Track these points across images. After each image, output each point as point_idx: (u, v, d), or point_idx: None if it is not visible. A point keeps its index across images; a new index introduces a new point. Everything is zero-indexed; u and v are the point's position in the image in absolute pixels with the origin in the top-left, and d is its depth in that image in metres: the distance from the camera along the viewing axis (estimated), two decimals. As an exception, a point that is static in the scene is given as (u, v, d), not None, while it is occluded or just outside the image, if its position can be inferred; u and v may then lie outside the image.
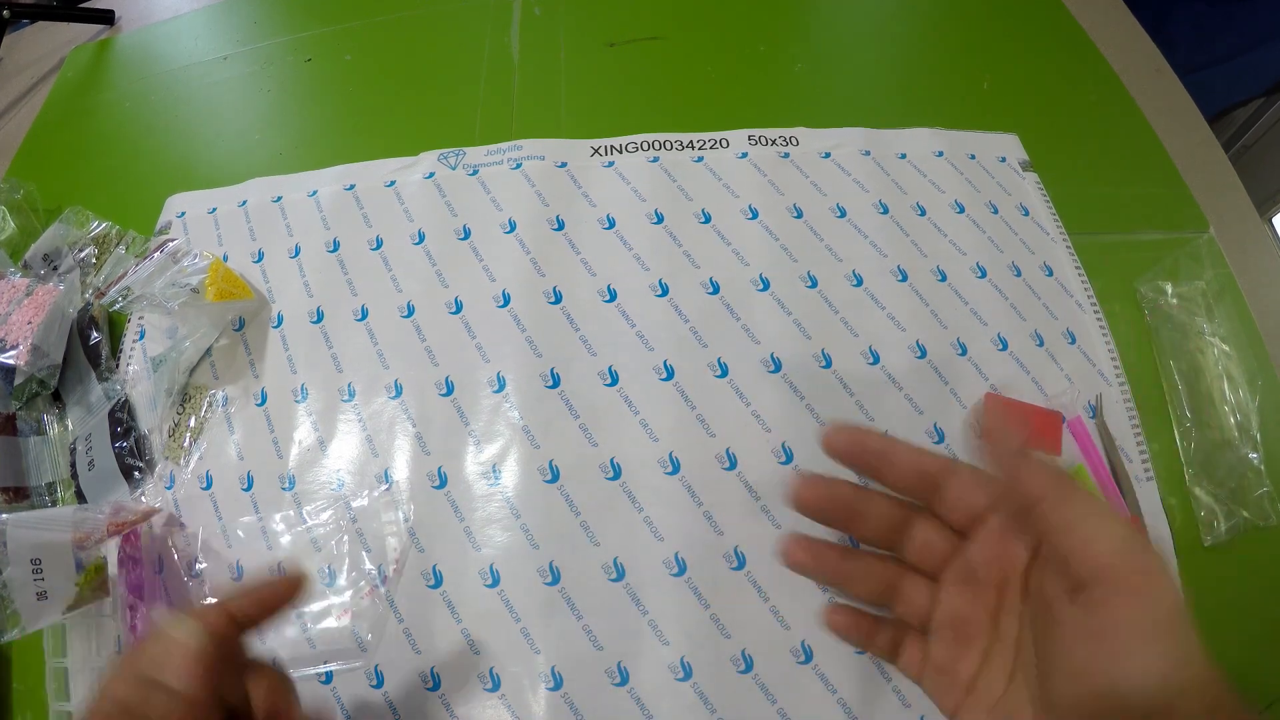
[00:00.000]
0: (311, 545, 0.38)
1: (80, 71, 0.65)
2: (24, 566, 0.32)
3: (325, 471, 0.40)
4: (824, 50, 0.56)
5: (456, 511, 0.38)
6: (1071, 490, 0.21)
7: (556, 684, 0.34)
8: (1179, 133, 0.52)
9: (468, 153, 0.50)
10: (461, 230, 0.46)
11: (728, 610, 0.35)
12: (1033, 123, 0.51)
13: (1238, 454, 0.39)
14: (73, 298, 0.45)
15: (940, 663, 0.24)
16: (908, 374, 0.41)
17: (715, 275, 0.44)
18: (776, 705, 0.34)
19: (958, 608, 0.24)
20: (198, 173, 0.54)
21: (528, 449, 0.39)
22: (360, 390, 0.42)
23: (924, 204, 0.47)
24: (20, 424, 0.43)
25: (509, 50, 0.57)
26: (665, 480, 0.38)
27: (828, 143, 0.49)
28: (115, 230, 0.50)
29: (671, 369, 0.41)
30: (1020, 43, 0.57)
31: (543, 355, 0.42)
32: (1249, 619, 0.36)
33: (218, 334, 0.44)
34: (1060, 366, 0.41)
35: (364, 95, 0.57)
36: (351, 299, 0.45)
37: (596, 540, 0.37)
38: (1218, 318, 0.43)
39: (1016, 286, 0.44)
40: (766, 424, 0.39)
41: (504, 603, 0.36)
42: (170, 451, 0.42)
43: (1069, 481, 0.21)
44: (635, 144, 0.49)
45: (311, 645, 0.36)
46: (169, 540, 0.39)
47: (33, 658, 0.38)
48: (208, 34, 0.64)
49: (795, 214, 0.46)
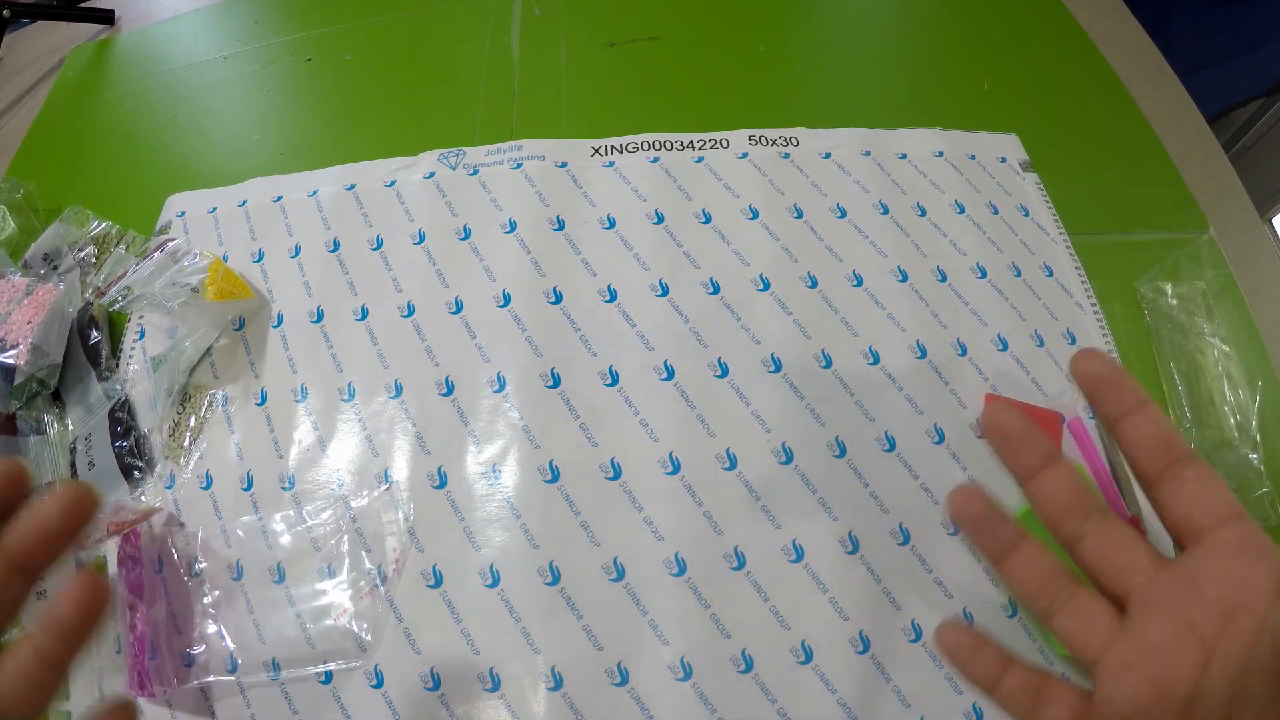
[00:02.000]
0: (311, 545, 0.38)
1: (80, 71, 0.65)
2: (24, 566, 0.32)
3: (325, 471, 0.40)
4: (824, 50, 0.56)
5: (456, 511, 0.38)
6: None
7: (556, 684, 0.34)
8: (1179, 133, 0.52)
9: (468, 153, 0.50)
10: (462, 230, 0.46)
11: (728, 610, 0.35)
12: (1033, 123, 0.51)
13: (1238, 454, 0.39)
14: (73, 297, 0.45)
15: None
16: (908, 374, 0.41)
17: (715, 275, 0.44)
18: (776, 705, 0.34)
19: (1158, 638, 0.20)
20: (198, 172, 0.54)
21: (528, 449, 0.39)
22: (360, 390, 0.42)
23: (924, 204, 0.47)
24: (20, 423, 0.43)
25: (509, 50, 0.57)
26: (665, 480, 0.38)
27: (828, 143, 0.49)
28: (115, 230, 0.50)
29: (672, 369, 0.41)
30: (1020, 43, 0.57)
31: (543, 355, 0.42)
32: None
33: (218, 334, 0.44)
34: (1060, 367, 0.41)
35: (364, 95, 0.57)
36: (351, 299, 0.45)
37: (596, 540, 0.37)
38: (1218, 318, 0.43)
39: (1016, 287, 0.44)
40: (766, 424, 0.39)
41: (504, 603, 0.36)
42: (170, 451, 0.42)
43: None
44: (635, 144, 0.49)
45: (310, 645, 0.36)
46: (169, 540, 0.39)
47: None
48: (208, 34, 0.64)
49: (795, 214, 0.46)
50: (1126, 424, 0.21)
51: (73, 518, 0.21)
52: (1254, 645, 0.18)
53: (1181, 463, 0.21)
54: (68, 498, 0.21)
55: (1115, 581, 0.21)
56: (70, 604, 0.20)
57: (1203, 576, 0.20)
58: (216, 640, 0.37)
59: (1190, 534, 0.20)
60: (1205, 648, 0.19)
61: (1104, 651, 0.20)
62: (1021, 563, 0.22)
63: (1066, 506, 0.21)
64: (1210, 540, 0.20)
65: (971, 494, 0.22)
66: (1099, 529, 0.21)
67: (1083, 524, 0.21)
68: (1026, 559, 0.22)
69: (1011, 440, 0.22)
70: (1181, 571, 0.20)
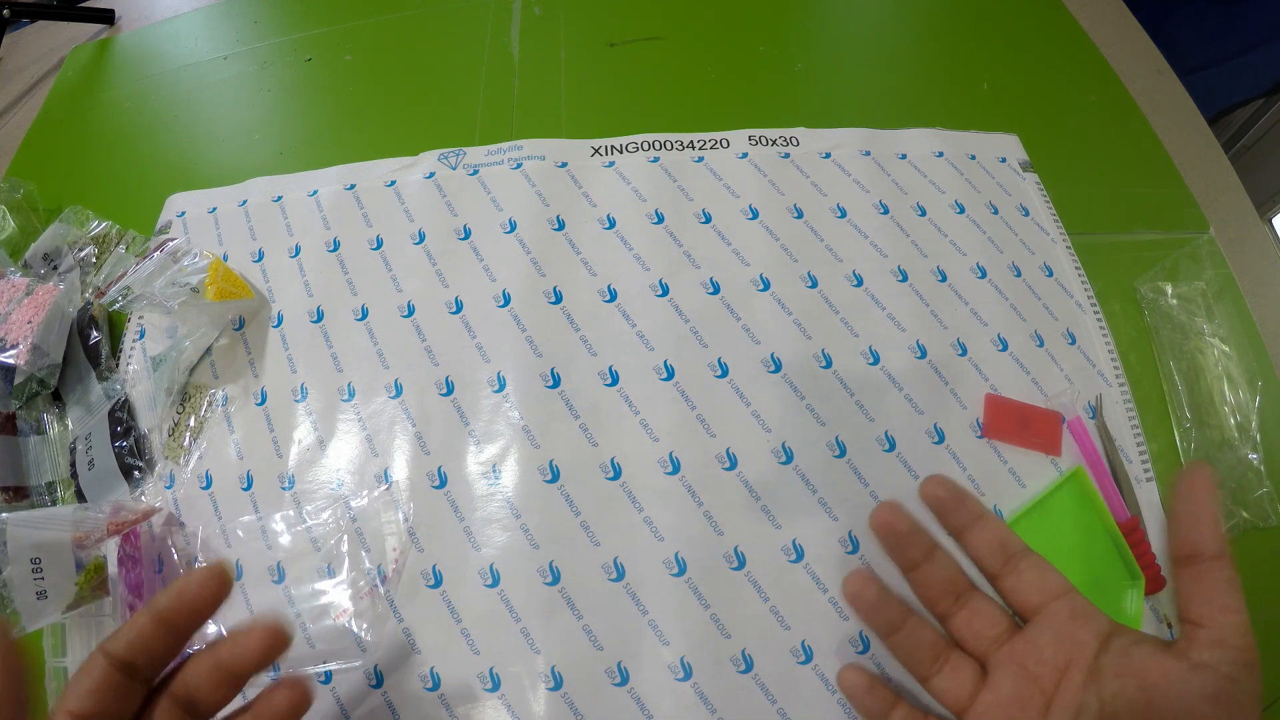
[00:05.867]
0: (311, 545, 0.38)
1: (80, 71, 0.65)
2: (24, 565, 0.32)
3: (325, 471, 0.40)
4: (824, 50, 0.56)
5: (456, 511, 0.38)
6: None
7: (556, 684, 0.34)
8: (1179, 133, 0.52)
9: (468, 153, 0.50)
10: (462, 230, 0.46)
11: (728, 610, 0.35)
12: (1033, 123, 0.51)
13: (1238, 454, 0.39)
14: (73, 297, 0.45)
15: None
16: (908, 374, 0.41)
17: (715, 275, 0.44)
18: (776, 705, 0.34)
19: (1009, 691, 0.25)
20: (198, 172, 0.54)
21: (528, 449, 0.39)
22: (360, 390, 0.42)
23: (924, 204, 0.47)
24: (20, 423, 0.43)
25: (509, 50, 0.57)
26: (665, 480, 0.38)
27: (828, 143, 0.49)
28: (115, 230, 0.50)
29: (671, 369, 0.41)
30: (1020, 43, 0.57)
31: (543, 355, 0.42)
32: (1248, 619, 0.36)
33: (218, 333, 0.44)
34: (1060, 367, 0.41)
35: (364, 95, 0.57)
36: (351, 299, 0.45)
37: (596, 540, 0.37)
38: (1218, 318, 0.43)
39: (1016, 287, 0.44)
40: (766, 424, 0.39)
41: (504, 603, 0.36)
42: (170, 451, 0.42)
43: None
44: (635, 144, 0.49)
45: (310, 645, 0.36)
46: (169, 539, 0.39)
47: (33, 657, 0.38)
48: (208, 34, 0.64)
49: (795, 214, 0.46)
50: (970, 533, 0.27)
51: (269, 654, 0.24)
52: (1084, 692, 0.23)
53: (1018, 557, 0.26)
54: (264, 636, 0.24)
55: (978, 648, 0.26)
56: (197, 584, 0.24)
57: (1042, 639, 0.25)
58: (216, 640, 0.37)
59: (1031, 609, 0.25)
60: (1046, 696, 0.24)
61: (969, 703, 0.25)
62: (906, 636, 0.27)
63: (943, 590, 0.27)
64: (1047, 611, 0.25)
65: (866, 580, 0.27)
66: (967, 606, 0.27)
67: (954, 604, 0.27)
68: (909, 633, 0.27)
69: (900, 538, 0.27)
70: (1028, 637, 0.25)
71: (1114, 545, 0.36)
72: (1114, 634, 0.24)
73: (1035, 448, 0.39)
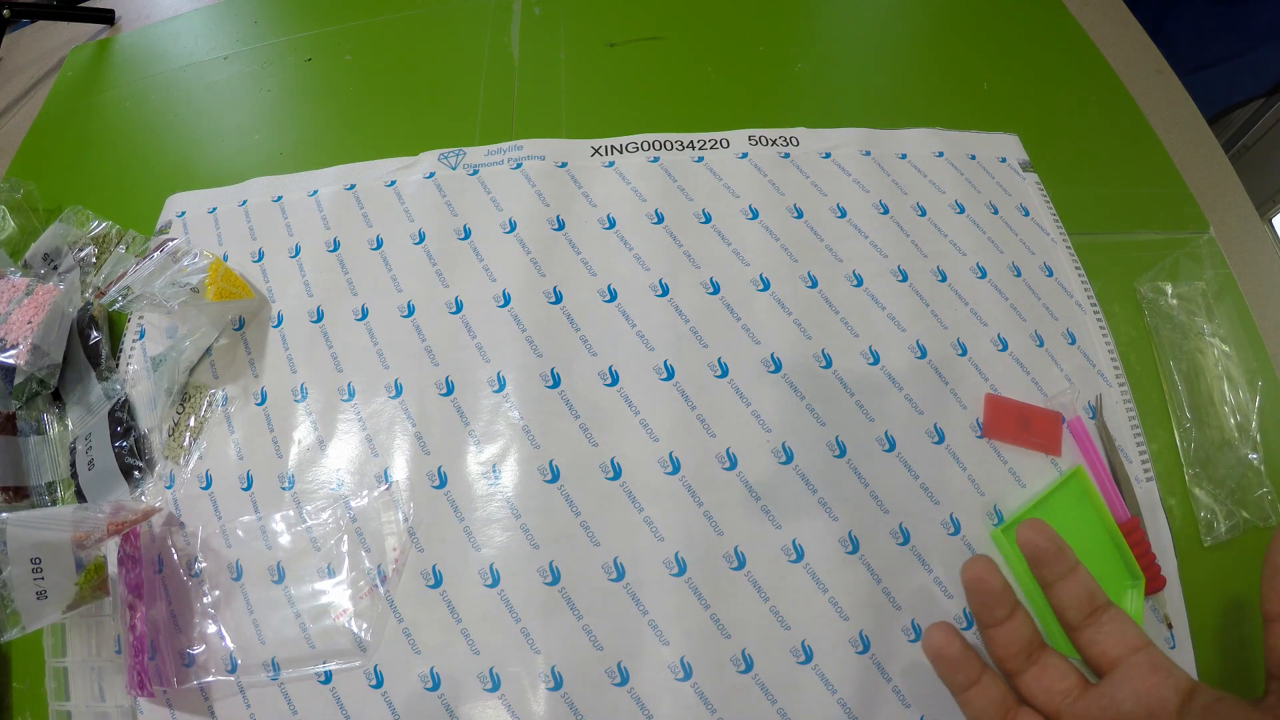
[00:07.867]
0: (311, 545, 0.38)
1: (80, 71, 0.65)
2: (24, 565, 0.32)
3: (325, 471, 0.40)
4: (824, 50, 0.56)
5: (456, 511, 0.38)
6: None
7: (556, 684, 0.34)
8: (1179, 133, 0.52)
9: (468, 153, 0.50)
10: (462, 230, 0.46)
11: (728, 610, 0.35)
12: (1033, 123, 0.51)
13: (1238, 454, 0.39)
14: (73, 297, 0.45)
15: None
16: (908, 374, 0.41)
17: (715, 275, 0.44)
18: (776, 705, 0.34)
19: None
20: (198, 172, 0.54)
21: (528, 449, 0.39)
22: (360, 390, 0.42)
23: (924, 204, 0.47)
24: (20, 423, 0.43)
25: (509, 50, 0.57)
26: (665, 480, 0.38)
27: (828, 143, 0.49)
28: (115, 230, 0.50)
29: (671, 369, 0.41)
30: (1020, 43, 0.57)
31: (543, 355, 0.42)
32: (1248, 619, 0.36)
33: (218, 333, 0.44)
34: (1060, 367, 0.41)
35: (364, 95, 0.57)
36: (351, 299, 0.45)
37: (596, 540, 0.37)
38: (1218, 318, 0.43)
39: (1016, 287, 0.44)
40: (766, 424, 0.39)
41: (504, 603, 0.36)
42: (170, 451, 0.42)
43: None
44: (635, 144, 0.49)
45: (310, 645, 0.36)
46: (169, 540, 0.39)
47: (33, 657, 0.38)
48: (208, 34, 0.64)
49: (795, 214, 0.46)
50: (1062, 584, 0.26)
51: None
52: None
53: (1101, 610, 0.26)
54: None
55: (1049, 703, 0.26)
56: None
57: (1120, 694, 0.24)
58: (216, 640, 0.37)
59: (1109, 663, 0.25)
60: None
61: None
62: (979, 693, 0.26)
63: (1020, 649, 0.26)
64: (1125, 665, 0.25)
65: (949, 635, 0.27)
66: (1038, 663, 0.26)
67: (1025, 661, 0.26)
68: (982, 690, 0.26)
69: (991, 596, 0.26)
70: (1104, 692, 0.25)
71: (1114, 545, 0.36)
72: (1195, 691, 0.24)
73: (1035, 448, 0.39)
